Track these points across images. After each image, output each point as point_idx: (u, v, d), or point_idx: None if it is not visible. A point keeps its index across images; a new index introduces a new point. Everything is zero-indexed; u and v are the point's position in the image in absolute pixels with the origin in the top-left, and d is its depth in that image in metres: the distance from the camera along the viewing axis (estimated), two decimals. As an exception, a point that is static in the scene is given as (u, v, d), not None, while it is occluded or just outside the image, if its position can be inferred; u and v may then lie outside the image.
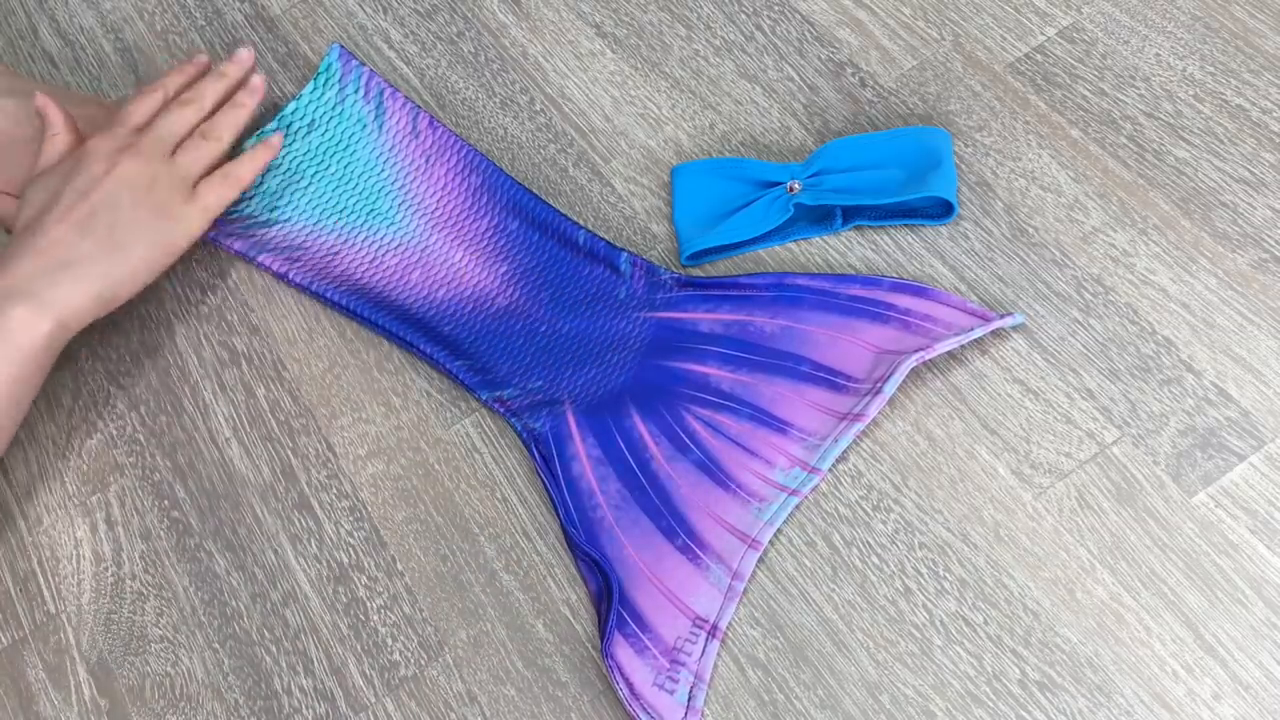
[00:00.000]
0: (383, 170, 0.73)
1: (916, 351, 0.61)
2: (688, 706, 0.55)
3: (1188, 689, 0.54)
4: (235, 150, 0.73)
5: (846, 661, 0.57)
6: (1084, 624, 0.56)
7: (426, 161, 0.73)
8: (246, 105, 0.71)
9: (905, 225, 0.68)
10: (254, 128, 0.77)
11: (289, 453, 0.66)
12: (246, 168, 0.69)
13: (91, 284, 0.63)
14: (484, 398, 0.65)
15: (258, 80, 0.72)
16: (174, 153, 0.67)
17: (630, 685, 0.56)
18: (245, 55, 0.73)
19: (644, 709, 0.55)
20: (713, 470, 0.61)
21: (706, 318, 0.66)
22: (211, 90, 0.71)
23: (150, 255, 0.65)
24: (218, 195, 0.68)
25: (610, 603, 0.58)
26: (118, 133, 0.67)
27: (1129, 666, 0.55)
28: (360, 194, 0.73)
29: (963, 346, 0.63)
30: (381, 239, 0.71)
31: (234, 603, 0.62)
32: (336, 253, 0.71)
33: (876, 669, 0.56)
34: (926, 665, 0.56)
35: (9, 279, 0.61)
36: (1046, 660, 0.55)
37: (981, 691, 0.55)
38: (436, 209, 0.72)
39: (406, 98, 0.75)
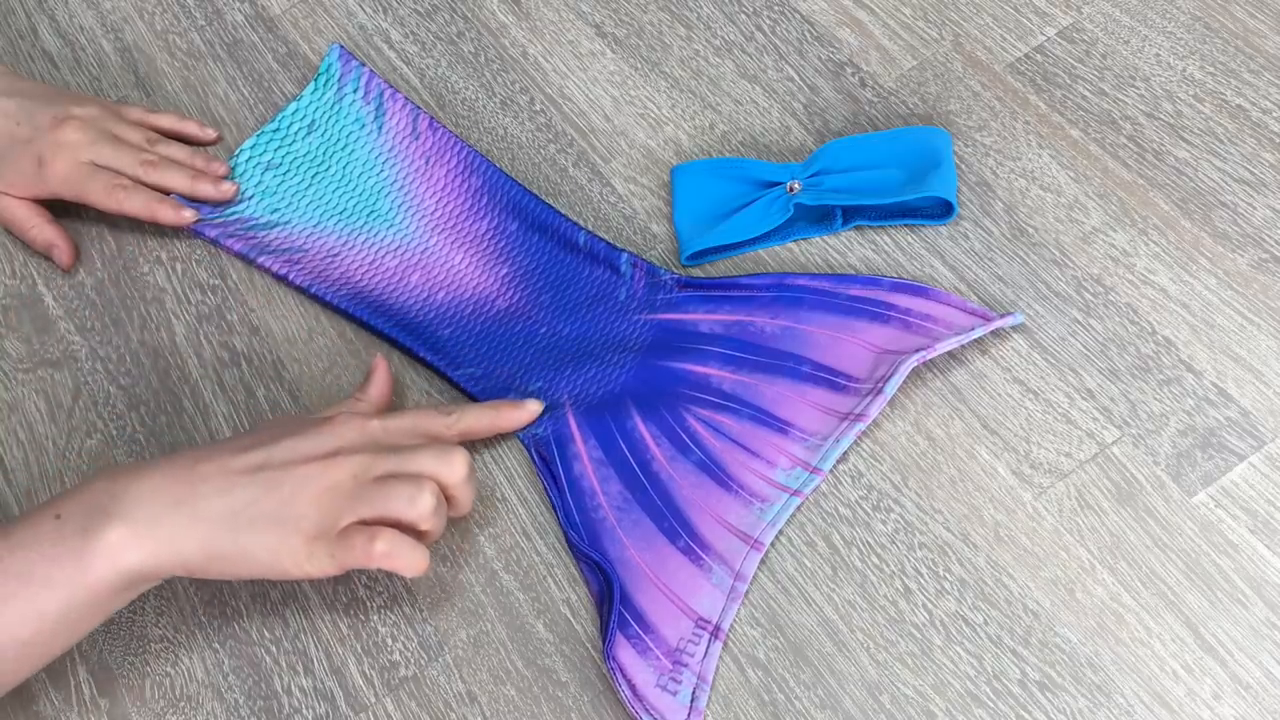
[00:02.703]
0: (382, 171, 0.73)
1: (917, 351, 0.61)
2: (690, 707, 0.55)
3: (1188, 689, 0.54)
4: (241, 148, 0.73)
5: (846, 661, 0.57)
6: (1084, 624, 0.56)
7: (426, 163, 0.73)
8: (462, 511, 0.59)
9: (905, 225, 0.68)
10: (254, 128, 0.77)
11: (289, 453, 0.66)
12: (407, 562, 0.54)
13: (197, 543, 0.53)
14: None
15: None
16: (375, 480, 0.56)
17: (632, 686, 0.55)
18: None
19: (646, 710, 0.55)
20: (714, 471, 0.61)
21: (707, 318, 0.66)
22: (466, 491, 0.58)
23: (262, 559, 0.54)
24: (356, 558, 0.54)
25: (612, 604, 0.57)
26: (372, 430, 0.58)
27: (1129, 666, 0.55)
28: (360, 195, 0.73)
29: (963, 346, 0.63)
30: (381, 240, 0.71)
31: (234, 603, 0.62)
32: (336, 254, 0.71)
33: (876, 669, 0.56)
34: (926, 665, 0.56)
35: (118, 497, 0.53)
36: (1046, 660, 0.56)
37: (981, 691, 0.55)
38: (436, 210, 0.72)
39: (406, 98, 0.75)
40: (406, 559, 0.54)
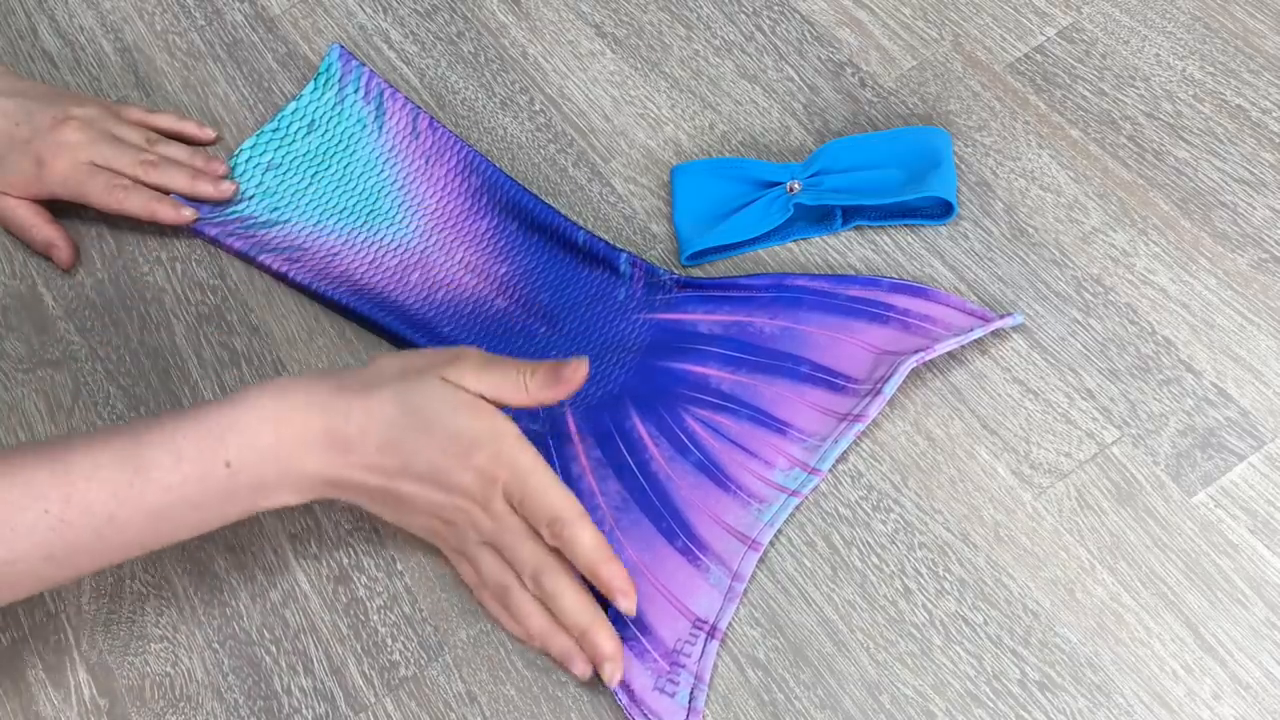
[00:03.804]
0: (383, 171, 0.73)
1: (916, 352, 0.61)
2: (688, 708, 0.55)
3: (1188, 689, 0.54)
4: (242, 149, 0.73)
5: (846, 661, 0.57)
6: (1084, 624, 0.56)
7: (426, 162, 0.73)
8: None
9: (905, 225, 0.68)
10: (254, 128, 0.77)
11: (289, 453, 0.66)
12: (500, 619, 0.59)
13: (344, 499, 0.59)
14: (484, 398, 0.65)
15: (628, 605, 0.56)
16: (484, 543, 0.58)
17: (630, 691, 0.55)
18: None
19: (644, 714, 0.55)
20: (713, 471, 0.61)
21: (706, 319, 0.66)
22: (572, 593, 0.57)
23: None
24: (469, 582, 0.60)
25: (610, 606, 0.57)
26: (491, 500, 0.56)
27: (1129, 666, 0.55)
28: (360, 194, 0.73)
29: (963, 346, 0.63)
30: (382, 240, 0.71)
31: (234, 603, 0.62)
32: (337, 253, 0.71)
33: (876, 669, 0.56)
34: (926, 665, 0.56)
35: (283, 470, 0.56)
36: (1046, 660, 0.55)
37: (981, 691, 0.55)
38: (436, 210, 0.72)
39: (406, 98, 0.75)
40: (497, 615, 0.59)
